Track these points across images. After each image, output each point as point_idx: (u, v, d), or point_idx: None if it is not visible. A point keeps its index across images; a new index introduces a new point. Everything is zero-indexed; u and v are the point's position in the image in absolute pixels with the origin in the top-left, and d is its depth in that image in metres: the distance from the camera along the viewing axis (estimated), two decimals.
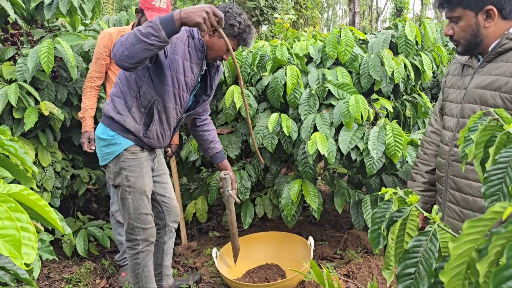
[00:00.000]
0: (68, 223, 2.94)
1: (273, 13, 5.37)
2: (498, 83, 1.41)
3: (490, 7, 1.41)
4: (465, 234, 0.61)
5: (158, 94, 1.98)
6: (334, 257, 2.97)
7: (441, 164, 1.64)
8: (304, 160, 2.59)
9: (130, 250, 2.16)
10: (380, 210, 1.00)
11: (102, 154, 2.07)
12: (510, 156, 0.90)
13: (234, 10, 1.97)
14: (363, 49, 3.01)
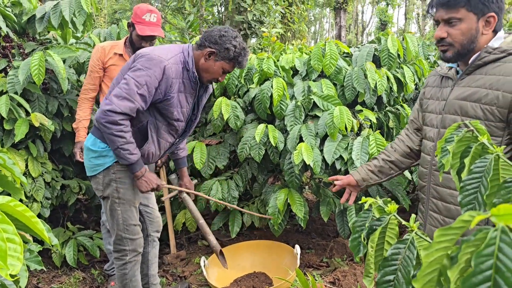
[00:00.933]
0: (57, 233, 2.90)
1: (261, 27, 5.42)
2: (478, 95, 1.41)
3: (493, 14, 1.38)
4: (436, 242, 0.62)
5: (153, 119, 1.99)
6: (320, 265, 2.97)
7: (423, 173, 1.64)
8: (290, 170, 2.61)
9: (118, 260, 2.12)
10: (360, 219, 1.01)
11: (91, 165, 2.03)
12: (484, 166, 0.92)
13: (230, 34, 1.94)
14: (347, 62, 3.05)
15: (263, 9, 5.36)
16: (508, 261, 0.50)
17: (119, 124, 1.81)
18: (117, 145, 1.84)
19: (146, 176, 1.97)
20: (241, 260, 2.81)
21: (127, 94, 1.81)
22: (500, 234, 0.52)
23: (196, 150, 2.84)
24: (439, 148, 1.03)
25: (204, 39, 1.96)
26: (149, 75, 1.83)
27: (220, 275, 2.67)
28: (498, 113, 1.36)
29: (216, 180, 2.89)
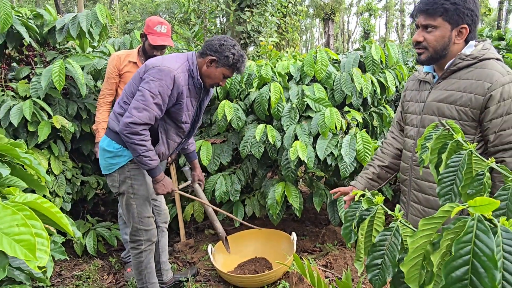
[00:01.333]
0: (78, 224, 2.89)
1: (259, 36, 5.40)
2: (453, 97, 1.41)
3: (465, 26, 1.39)
4: (421, 230, 0.62)
5: (163, 123, 1.99)
6: (314, 250, 2.97)
7: (405, 168, 1.63)
8: (287, 165, 2.60)
9: (134, 250, 2.12)
10: (351, 210, 1.01)
11: (106, 164, 2.02)
12: (459, 160, 0.92)
13: (229, 43, 1.94)
14: (336, 67, 3.04)
15: (260, 20, 5.34)
16: (484, 246, 0.50)
17: (140, 134, 1.82)
18: (139, 153, 1.84)
19: (164, 180, 1.99)
20: (244, 246, 2.80)
21: (144, 105, 1.81)
22: (476, 222, 0.53)
23: (203, 148, 2.83)
24: (419, 145, 1.03)
25: (205, 47, 1.95)
26: (162, 85, 1.82)
27: (226, 260, 2.67)
28: (471, 113, 1.37)
29: (220, 175, 2.88)
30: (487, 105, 1.34)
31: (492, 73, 1.35)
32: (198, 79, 1.96)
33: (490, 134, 1.36)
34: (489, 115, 1.34)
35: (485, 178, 0.86)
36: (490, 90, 1.33)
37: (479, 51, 1.40)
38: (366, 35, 25.40)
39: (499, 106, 1.32)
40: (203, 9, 5.49)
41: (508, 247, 0.52)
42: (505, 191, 0.83)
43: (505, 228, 0.54)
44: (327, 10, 18.62)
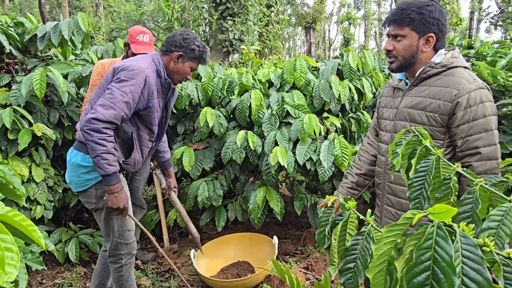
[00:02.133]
0: (60, 232, 2.81)
1: (241, 44, 5.41)
2: (423, 104, 1.43)
3: (432, 35, 1.41)
4: (384, 237, 0.62)
5: (136, 129, 1.91)
6: (295, 252, 2.97)
7: (379, 172, 1.64)
8: (267, 171, 2.60)
9: (114, 264, 2.01)
10: (325, 215, 1.01)
11: (81, 181, 1.85)
12: (428, 165, 0.93)
13: (191, 36, 1.91)
14: (315, 75, 3.06)
15: (242, 29, 5.36)
16: (443, 252, 0.51)
17: (102, 132, 1.69)
18: (97, 153, 1.69)
19: (120, 194, 1.79)
20: (226, 251, 2.78)
21: (111, 103, 1.72)
22: (436, 229, 0.53)
23: (185, 154, 2.80)
24: (390, 151, 1.04)
25: (169, 44, 1.91)
26: (133, 84, 1.75)
27: (208, 265, 2.65)
28: (440, 119, 1.39)
29: (203, 181, 2.85)
30: (454, 111, 1.36)
31: (459, 81, 1.37)
32: (166, 79, 1.91)
33: (458, 140, 1.38)
34: (457, 121, 1.36)
35: (452, 182, 0.87)
36: (457, 97, 1.35)
37: (448, 59, 1.43)
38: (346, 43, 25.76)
39: (466, 112, 1.35)
40: (187, 18, 5.47)
41: (466, 253, 0.52)
42: (470, 195, 0.84)
43: (464, 234, 0.54)
44: (308, 19, 18.83)
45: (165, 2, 5.67)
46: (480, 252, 0.51)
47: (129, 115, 1.80)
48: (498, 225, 0.79)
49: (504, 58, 2.71)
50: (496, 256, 0.57)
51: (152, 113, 1.90)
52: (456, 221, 0.84)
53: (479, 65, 2.47)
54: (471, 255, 0.51)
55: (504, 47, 3.20)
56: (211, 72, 2.97)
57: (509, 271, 0.56)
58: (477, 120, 1.35)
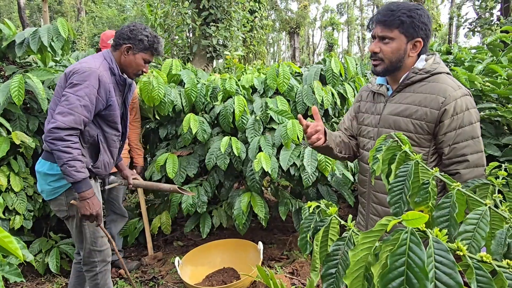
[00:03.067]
0: (41, 242, 2.75)
1: (225, 50, 5.42)
2: (409, 111, 1.40)
3: (419, 40, 1.38)
4: (360, 244, 0.63)
5: (101, 131, 1.89)
6: (281, 257, 2.97)
7: (363, 180, 1.59)
8: (251, 176, 2.60)
9: (89, 272, 1.98)
10: (306, 221, 1.01)
11: (51, 189, 1.84)
12: (407, 170, 0.95)
13: (139, 27, 1.88)
14: (298, 80, 3.09)
15: (226, 35, 5.37)
16: (416, 258, 0.52)
17: (65, 140, 1.67)
18: (64, 161, 1.66)
19: (92, 199, 1.77)
20: (212, 257, 2.77)
21: (69, 109, 1.68)
22: (409, 235, 0.54)
23: (169, 161, 2.78)
24: (371, 156, 1.05)
25: (117, 38, 1.88)
26: (87, 86, 1.72)
27: (193, 272, 2.62)
28: (427, 127, 1.37)
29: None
30: (441, 119, 1.34)
31: (445, 88, 1.35)
32: (120, 75, 1.89)
33: (445, 147, 1.36)
34: (444, 128, 1.34)
35: (430, 187, 0.90)
36: (444, 105, 1.33)
37: (430, 65, 1.41)
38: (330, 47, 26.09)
39: (453, 119, 1.33)
40: (170, 23, 5.46)
41: (439, 257, 0.53)
42: (447, 199, 0.86)
43: (436, 239, 0.56)
44: (292, 24, 19.02)
45: (148, 8, 5.64)
46: (452, 257, 0.53)
47: (90, 117, 1.77)
48: (474, 228, 0.81)
49: (481, 64, 2.79)
50: (469, 260, 0.59)
51: (114, 112, 1.87)
52: (434, 225, 0.86)
53: (457, 71, 2.54)
54: (443, 259, 0.53)
55: (481, 53, 3.29)
56: (195, 78, 2.97)
57: (482, 274, 0.58)
58: (464, 128, 1.34)
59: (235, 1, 5.54)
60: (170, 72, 3.08)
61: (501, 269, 0.59)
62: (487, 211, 0.81)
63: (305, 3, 20.01)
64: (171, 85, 2.92)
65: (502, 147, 2.22)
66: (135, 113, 2.86)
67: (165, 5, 5.75)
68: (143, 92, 2.67)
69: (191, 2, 5.40)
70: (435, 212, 0.86)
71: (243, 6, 6.32)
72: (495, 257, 0.79)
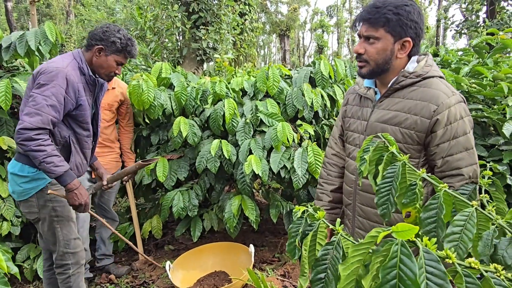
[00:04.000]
0: (29, 248, 2.70)
1: (215, 53, 5.41)
2: (398, 119, 1.29)
3: (408, 39, 1.25)
4: (351, 257, 0.62)
5: (72, 131, 1.87)
6: (273, 260, 2.97)
7: (348, 192, 1.47)
8: (242, 179, 2.60)
9: (61, 275, 1.96)
10: (294, 226, 1.00)
11: (21, 190, 1.83)
12: (394, 171, 0.95)
13: (112, 28, 1.88)
14: (288, 83, 3.09)
15: (216, 38, 5.37)
16: (407, 270, 0.51)
17: (35, 140, 1.65)
18: (40, 160, 1.66)
19: (79, 190, 1.78)
20: (203, 261, 2.75)
21: (36, 109, 1.66)
22: (400, 247, 0.54)
23: (159, 164, 2.76)
24: (358, 157, 1.04)
25: (90, 39, 1.88)
26: (54, 86, 1.70)
27: (185, 276, 2.60)
28: (416, 137, 1.26)
29: (178, 191, 2.82)
30: (433, 129, 1.23)
31: (437, 94, 1.23)
32: (90, 76, 1.87)
33: (437, 159, 1.25)
34: (436, 139, 1.24)
35: (417, 188, 0.90)
36: (437, 113, 1.22)
37: (422, 68, 1.29)
38: (320, 50, 26.25)
39: (446, 130, 1.22)
40: (159, 27, 5.43)
41: (430, 268, 0.53)
42: (435, 200, 0.87)
43: (427, 249, 0.55)
44: (283, 26, 19.09)
45: (138, 11, 5.61)
46: (443, 267, 0.52)
47: (59, 117, 1.75)
48: (461, 230, 0.81)
49: (468, 65, 2.83)
50: (458, 268, 0.59)
51: (84, 111, 1.86)
52: (422, 226, 0.86)
53: (444, 73, 2.57)
54: (434, 270, 0.52)
55: (467, 55, 3.34)
56: (185, 81, 2.95)
57: (471, 281, 0.58)
58: (458, 138, 1.23)
59: (225, 4, 5.54)
60: (160, 75, 3.06)
61: (489, 274, 0.59)
62: (474, 213, 0.81)
63: (295, 6, 20.11)
64: (161, 88, 2.91)
65: (489, 148, 2.26)
66: (128, 118, 2.84)
67: (155, 8, 5.73)
68: (132, 95, 2.64)
69: (180, 5, 5.39)
70: (422, 213, 0.86)
71: (233, 9, 6.33)
72: (482, 258, 0.79)
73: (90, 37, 1.87)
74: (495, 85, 2.46)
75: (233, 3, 6.03)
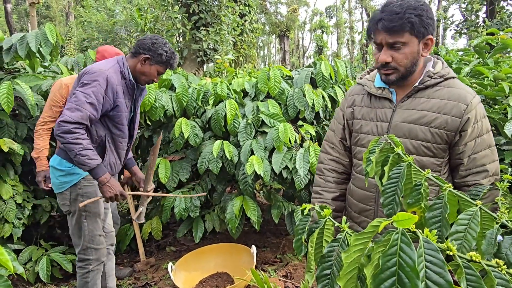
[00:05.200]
0: (31, 251, 2.71)
1: (215, 54, 5.42)
2: (427, 119, 1.28)
3: (430, 37, 1.26)
4: (353, 246, 0.64)
5: (108, 131, 1.96)
6: (275, 261, 2.97)
7: (367, 197, 1.41)
8: (244, 180, 2.61)
9: (81, 269, 2.06)
10: (301, 223, 1.01)
11: (58, 183, 1.98)
12: (399, 172, 0.96)
13: (160, 41, 1.98)
14: (289, 84, 3.11)
15: (216, 39, 5.38)
16: (407, 258, 0.53)
17: (73, 133, 1.74)
18: (76, 152, 1.74)
19: (111, 182, 1.86)
20: (205, 262, 2.76)
21: (76, 105, 1.77)
22: (400, 236, 0.55)
23: (161, 166, 2.77)
24: (364, 158, 1.05)
25: (138, 47, 1.98)
26: (95, 86, 1.80)
27: (187, 278, 2.61)
28: (446, 136, 1.27)
29: (179, 192, 2.82)
30: (464, 127, 1.25)
31: (464, 94, 1.26)
32: (130, 80, 1.97)
33: (464, 158, 1.27)
34: (466, 138, 1.26)
35: (422, 188, 0.91)
36: (467, 112, 1.24)
37: (442, 69, 1.32)
38: (319, 50, 26.29)
39: (474, 128, 1.26)
40: (160, 28, 5.45)
41: (429, 257, 0.55)
42: (439, 200, 0.88)
43: (426, 239, 0.57)
44: (282, 27, 19.12)
45: (138, 12, 5.63)
46: (442, 256, 0.54)
47: (97, 115, 1.84)
48: (465, 229, 0.82)
49: (468, 65, 2.84)
50: (458, 259, 0.60)
51: (120, 113, 1.95)
52: (427, 225, 0.87)
53: None
54: (433, 259, 0.54)
55: (468, 55, 3.35)
56: (186, 83, 2.96)
57: (471, 273, 0.59)
58: (483, 136, 1.27)
59: (225, 5, 5.56)
60: (161, 77, 3.07)
61: (490, 268, 0.60)
62: (478, 212, 0.82)
63: (294, 7, 20.14)
64: (162, 89, 2.92)
65: None
66: None
67: (155, 9, 5.74)
68: None
69: (181, 6, 5.40)
70: (427, 213, 0.87)
71: (233, 10, 6.34)
72: (486, 256, 0.80)
73: (139, 45, 1.97)
74: (496, 85, 2.47)
75: (233, 4, 6.05)
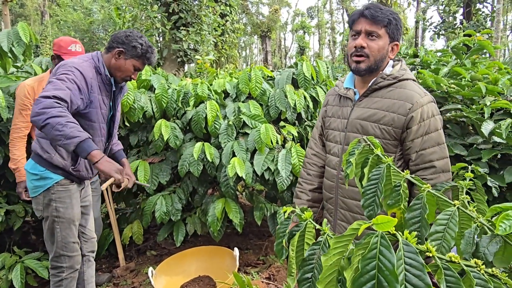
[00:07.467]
0: (3, 258, 2.61)
1: (196, 54, 5.38)
2: (377, 116, 1.41)
3: (397, 43, 1.42)
4: (333, 249, 0.64)
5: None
6: (257, 263, 2.97)
7: (330, 186, 1.56)
8: (226, 182, 2.58)
9: (54, 277, 2.00)
10: (282, 226, 1.01)
11: (32, 187, 1.94)
12: (379, 174, 0.96)
13: (135, 34, 1.92)
14: (270, 84, 3.10)
15: (197, 39, 5.34)
16: (386, 261, 0.53)
17: (56, 106, 1.55)
18: (63, 123, 1.52)
19: (105, 158, 1.62)
20: (187, 266, 2.72)
21: (54, 86, 1.64)
22: (380, 239, 0.55)
23: (140, 168, 2.72)
24: (344, 161, 1.06)
25: (112, 41, 1.92)
26: (70, 74, 1.73)
27: (168, 282, 2.57)
28: (394, 132, 1.39)
29: (160, 195, 2.78)
30: (408, 125, 1.37)
31: (412, 94, 1.38)
32: (106, 75, 1.91)
33: (412, 153, 1.38)
34: (411, 135, 1.37)
35: (402, 189, 0.92)
36: (412, 111, 1.35)
37: (398, 71, 1.44)
38: (301, 51, 26.50)
39: (420, 126, 1.36)
40: (139, 27, 5.36)
41: (409, 260, 0.55)
42: (418, 201, 0.89)
43: (406, 242, 0.57)
44: (264, 28, 19.17)
45: (116, 12, 5.52)
46: (421, 259, 0.54)
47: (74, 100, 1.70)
48: (444, 229, 0.83)
49: (446, 66, 2.90)
50: (438, 261, 0.61)
51: (95, 109, 1.89)
52: (406, 226, 0.88)
53: (424, 73, 2.63)
54: (413, 262, 0.54)
55: (446, 56, 3.43)
56: (165, 83, 2.92)
57: (450, 274, 0.59)
58: (430, 134, 1.37)
59: (205, 5, 5.52)
60: (139, 77, 3.02)
61: (468, 268, 0.61)
62: (456, 212, 0.83)
63: (276, 7, 20.23)
64: (140, 90, 2.87)
65: (468, 147, 2.32)
66: None
67: (134, 8, 5.65)
68: None
69: (160, 5, 5.34)
70: (407, 214, 0.88)
71: (213, 10, 6.31)
72: (464, 256, 0.81)
73: (112, 39, 1.91)
74: (473, 85, 2.53)
75: (214, 4, 6.02)
